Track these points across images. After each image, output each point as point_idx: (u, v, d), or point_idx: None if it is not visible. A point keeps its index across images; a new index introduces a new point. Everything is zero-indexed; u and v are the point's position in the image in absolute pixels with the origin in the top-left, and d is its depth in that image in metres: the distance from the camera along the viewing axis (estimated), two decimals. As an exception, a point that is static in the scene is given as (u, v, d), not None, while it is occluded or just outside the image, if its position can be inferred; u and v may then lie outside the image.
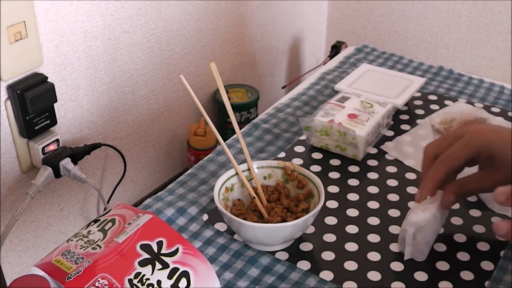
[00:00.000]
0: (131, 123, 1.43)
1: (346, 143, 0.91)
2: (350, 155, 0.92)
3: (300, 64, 2.03)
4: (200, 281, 0.61)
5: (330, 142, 0.93)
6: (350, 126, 0.91)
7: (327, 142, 0.93)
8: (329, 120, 0.92)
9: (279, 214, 0.76)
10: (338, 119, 0.92)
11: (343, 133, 0.90)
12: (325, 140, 0.93)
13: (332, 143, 0.93)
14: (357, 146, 0.90)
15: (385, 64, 1.22)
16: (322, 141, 0.94)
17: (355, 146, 0.90)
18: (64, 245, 0.61)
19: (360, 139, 0.90)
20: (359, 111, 0.95)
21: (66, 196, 1.33)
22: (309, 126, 0.93)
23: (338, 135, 0.91)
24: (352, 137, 0.89)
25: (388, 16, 1.89)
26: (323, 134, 0.93)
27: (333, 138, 0.92)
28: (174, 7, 1.43)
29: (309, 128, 0.94)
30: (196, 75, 1.59)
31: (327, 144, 0.94)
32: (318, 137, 0.94)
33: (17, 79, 1.12)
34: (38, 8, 1.12)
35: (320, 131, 0.93)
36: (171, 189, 0.88)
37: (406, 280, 0.72)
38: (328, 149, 0.94)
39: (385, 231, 0.79)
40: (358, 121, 0.92)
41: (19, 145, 1.17)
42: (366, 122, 0.93)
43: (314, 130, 0.93)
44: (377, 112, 0.95)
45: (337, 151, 0.93)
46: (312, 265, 0.74)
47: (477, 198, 0.84)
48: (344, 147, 0.92)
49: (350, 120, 0.93)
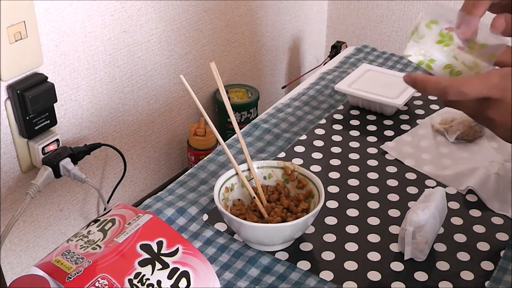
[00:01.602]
0: (131, 123, 1.43)
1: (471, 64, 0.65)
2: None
3: (300, 64, 2.03)
4: (200, 281, 0.61)
5: (444, 57, 0.66)
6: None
7: (437, 57, 0.66)
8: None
9: (279, 214, 0.76)
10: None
11: (483, 44, 0.64)
12: (436, 54, 0.66)
13: (446, 59, 0.66)
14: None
15: (385, 64, 1.22)
16: (427, 55, 0.66)
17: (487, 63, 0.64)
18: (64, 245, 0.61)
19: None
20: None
21: (66, 196, 1.33)
22: (435, 21, 0.66)
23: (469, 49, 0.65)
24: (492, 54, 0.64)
25: (388, 16, 1.89)
26: (441, 44, 0.65)
27: (453, 54, 0.65)
28: (174, 7, 1.43)
29: (434, 22, 0.65)
30: (196, 75, 1.59)
31: (433, 60, 0.66)
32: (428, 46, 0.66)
33: (17, 79, 1.12)
34: (38, 8, 1.12)
35: (441, 37, 0.65)
36: (171, 189, 0.88)
37: (406, 280, 0.72)
38: (431, 71, 0.66)
39: (385, 231, 0.79)
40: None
41: (19, 145, 1.17)
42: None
43: (436, 31, 0.65)
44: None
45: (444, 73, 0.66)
46: (312, 265, 0.74)
47: (477, 198, 0.85)
48: (458, 71, 0.65)
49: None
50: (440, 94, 0.64)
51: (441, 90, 0.63)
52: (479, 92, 0.62)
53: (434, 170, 0.90)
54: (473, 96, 0.62)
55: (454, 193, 0.86)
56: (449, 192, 0.86)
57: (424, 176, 0.89)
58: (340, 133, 0.99)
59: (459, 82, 0.62)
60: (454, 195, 0.86)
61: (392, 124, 1.02)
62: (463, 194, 0.86)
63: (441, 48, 0.66)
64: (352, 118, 1.04)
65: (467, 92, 0.62)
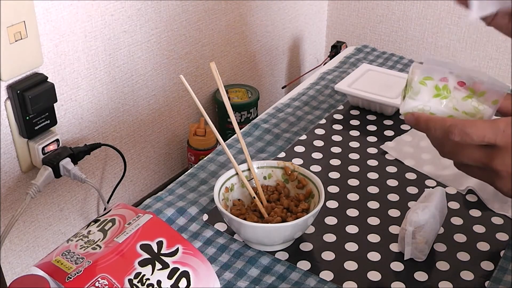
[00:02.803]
0: (131, 123, 1.43)
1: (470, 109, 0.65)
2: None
3: (300, 64, 2.03)
4: (200, 281, 0.61)
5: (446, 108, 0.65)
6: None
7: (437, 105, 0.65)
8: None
9: (279, 214, 0.76)
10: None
11: (483, 92, 0.64)
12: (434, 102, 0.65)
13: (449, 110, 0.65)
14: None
15: (385, 64, 1.22)
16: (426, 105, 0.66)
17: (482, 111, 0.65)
18: (64, 245, 0.61)
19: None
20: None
21: (66, 196, 1.33)
22: (429, 77, 0.65)
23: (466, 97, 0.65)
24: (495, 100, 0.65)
25: (388, 16, 1.89)
26: (439, 96, 0.65)
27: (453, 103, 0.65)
28: (174, 7, 1.43)
29: (429, 78, 0.65)
30: (196, 75, 1.59)
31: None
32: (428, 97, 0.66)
33: (17, 79, 1.12)
34: (38, 8, 1.12)
35: (437, 91, 0.65)
36: (171, 189, 0.88)
37: (406, 280, 0.72)
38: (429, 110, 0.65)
39: (385, 231, 0.79)
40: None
41: (19, 145, 1.17)
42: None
43: (431, 86, 0.65)
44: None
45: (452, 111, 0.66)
46: (312, 265, 0.74)
47: (477, 198, 0.85)
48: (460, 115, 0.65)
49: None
50: (444, 134, 0.61)
51: (445, 129, 0.60)
52: (484, 135, 0.58)
53: (434, 170, 0.90)
54: (477, 139, 0.59)
55: (454, 193, 0.86)
56: (449, 192, 0.86)
57: (424, 176, 0.89)
58: (340, 133, 0.99)
59: (464, 122, 0.60)
60: (454, 195, 0.86)
61: (392, 124, 1.02)
62: (463, 194, 0.86)
63: (439, 102, 0.65)
64: (352, 118, 1.04)
65: (472, 134, 0.59)
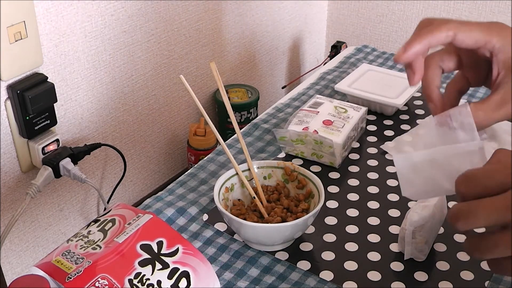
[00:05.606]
0: (131, 123, 1.43)
1: (322, 151, 0.89)
2: (327, 162, 0.90)
3: (300, 64, 2.04)
4: (200, 281, 0.61)
5: (306, 150, 0.91)
6: (326, 134, 0.89)
7: (303, 150, 0.91)
8: (303, 128, 0.90)
9: (279, 214, 0.76)
10: (313, 126, 0.90)
11: (320, 142, 0.88)
12: (301, 149, 0.91)
13: (309, 151, 0.90)
14: (334, 154, 0.88)
15: (385, 64, 1.22)
16: (297, 150, 0.91)
17: (332, 154, 0.88)
18: (64, 245, 0.61)
19: (337, 146, 0.88)
20: (334, 117, 0.93)
21: (66, 196, 1.33)
22: (284, 136, 0.91)
23: (314, 143, 0.89)
24: (329, 146, 0.87)
25: (388, 16, 1.89)
26: (299, 143, 0.90)
27: (309, 146, 0.90)
28: (174, 7, 1.43)
29: (284, 138, 0.91)
30: (196, 75, 1.59)
31: (303, 152, 0.91)
32: (293, 146, 0.91)
33: (17, 79, 1.12)
34: (38, 8, 1.12)
35: (296, 141, 0.90)
36: (171, 189, 0.88)
37: (406, 280, 0.72)
38: (304, 157, 0.91)
39: (385, 231, 0.79)
40: (333, 128, 0.90)
41: (19, 145, 1.17)
42: (342, 129, 0.91)
43: (289, 140, 0.91)
44: (351, 117, 0.94)
45: (314, 158, 0.91)
46: (312, 265, 0.74)
47: (477, 198, 0.84)
48: (320, 155, 0.90)
49: (325, 127, 0.90)
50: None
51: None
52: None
53: (434, 170, 0.90)
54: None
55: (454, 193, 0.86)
56: (449, 192, 0.86)
57: (424, 176, 0.89)
58: (340, 133, 0.99)
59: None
60: (454, 195, 0.85)
61: (392, 124, 1.02)
62: (463, 194, 0.85)
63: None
64: (352, 118, 1.03)
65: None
